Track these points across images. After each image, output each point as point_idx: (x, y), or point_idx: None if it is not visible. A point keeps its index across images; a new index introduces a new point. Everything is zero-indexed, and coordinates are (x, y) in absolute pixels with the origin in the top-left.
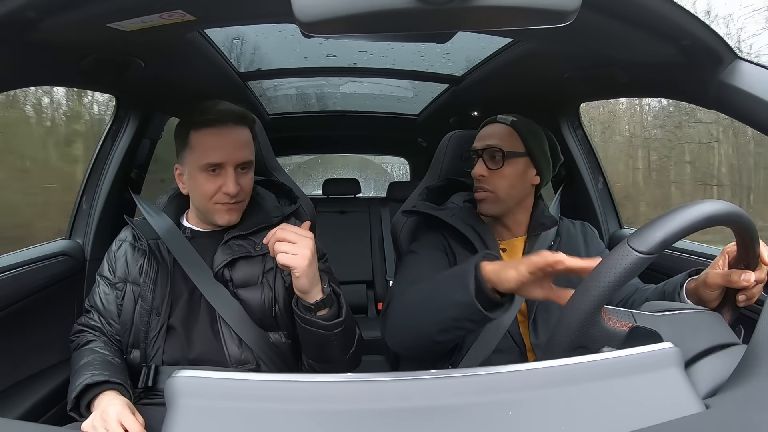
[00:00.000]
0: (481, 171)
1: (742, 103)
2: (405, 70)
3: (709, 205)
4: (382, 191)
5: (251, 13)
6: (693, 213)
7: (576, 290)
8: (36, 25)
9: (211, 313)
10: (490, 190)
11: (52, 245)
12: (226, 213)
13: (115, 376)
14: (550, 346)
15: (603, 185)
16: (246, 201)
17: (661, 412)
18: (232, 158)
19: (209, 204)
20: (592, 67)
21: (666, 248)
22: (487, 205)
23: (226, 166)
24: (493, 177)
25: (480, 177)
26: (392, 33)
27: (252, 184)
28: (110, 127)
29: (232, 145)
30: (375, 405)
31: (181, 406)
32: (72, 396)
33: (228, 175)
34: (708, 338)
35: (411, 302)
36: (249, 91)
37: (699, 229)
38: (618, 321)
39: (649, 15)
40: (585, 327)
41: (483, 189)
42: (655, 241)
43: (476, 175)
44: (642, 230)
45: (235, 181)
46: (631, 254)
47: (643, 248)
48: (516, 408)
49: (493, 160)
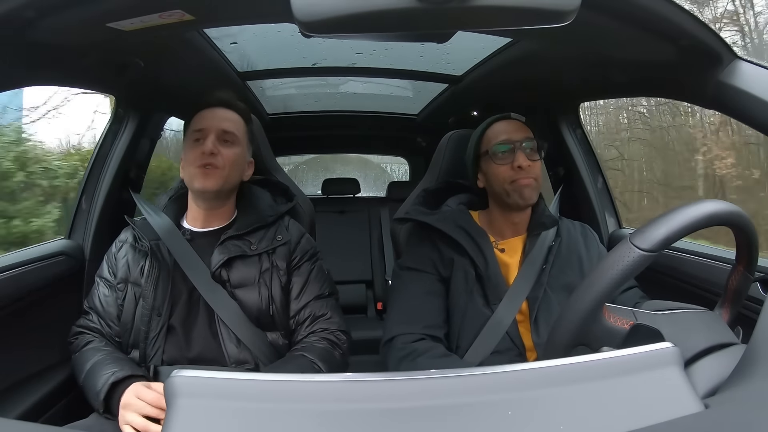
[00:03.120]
0: (527, 161)
1: (742, 102)
2: (404, 69)
3: (710, 205)
4: (382, 191)
5: (250, 13)
6: (695, 212)
7: (578, 287)
8: (35, 24)
9: (209, 313)
10: (535, 177)
11: (51, 245)
12: (203, 177)
13: (136, 370)
14: (551, 342)
15: (602, 185)
16: (225, 172)
17: (661, 412)
18: (214, 125)
19: (192, 169)
20: (591, 67)
21: (668, 246)
22: (531, 190)
23: (209, 132)
24: (533, 168)
25: (527, 167)
26: (391, 33)
27: (236, 160)
28: (109, 126)
29: (216, 117)
30: (374, 405)
31: (180, 405)
32: (101, 398)
33: (208, 138)
34: (708, 337)
35: None
36: (248, 90)
37: (700, 228)
38: (619, 319)
39: (648, 15)
40: (586, 324)
41: (529, 176)
42: (657, 238)
43: (524, 165)
44: (644, 228)
45: (213, 143)
46: (634, 251)
47: (646, 246)
48: (515, 407)
49: (534, 151)
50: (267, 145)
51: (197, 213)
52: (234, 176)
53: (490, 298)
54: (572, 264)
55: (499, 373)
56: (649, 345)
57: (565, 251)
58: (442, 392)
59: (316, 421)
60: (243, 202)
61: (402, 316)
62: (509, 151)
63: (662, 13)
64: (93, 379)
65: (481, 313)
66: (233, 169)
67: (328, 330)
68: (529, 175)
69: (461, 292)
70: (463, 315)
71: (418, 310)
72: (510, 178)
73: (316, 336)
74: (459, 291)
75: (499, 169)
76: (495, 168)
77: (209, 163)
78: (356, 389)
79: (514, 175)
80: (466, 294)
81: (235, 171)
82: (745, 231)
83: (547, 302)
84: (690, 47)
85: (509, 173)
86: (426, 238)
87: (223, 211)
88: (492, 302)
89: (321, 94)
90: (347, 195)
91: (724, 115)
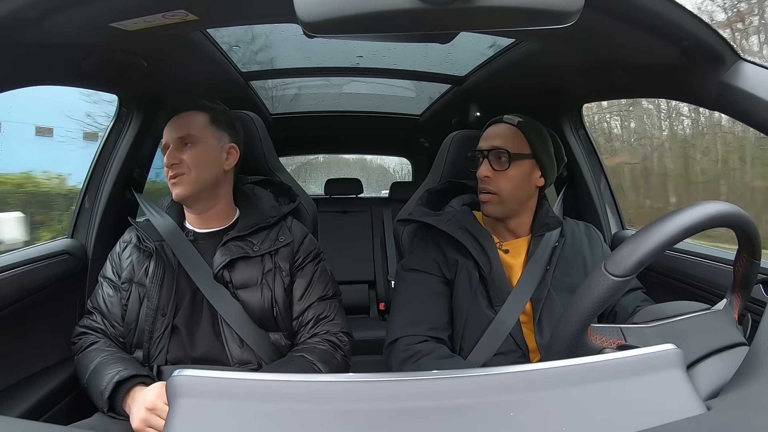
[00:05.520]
0: (486, 172)
1: (745, 104)
2: (407, 70)
3: (684, 217)
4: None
5: (253, 13)
6: (668, 228)
7: (561, 315)
8: (38, 24)
9: (213, 313)
10: (494, 191)
11: (54, 244)
12: (173, 187)
13: (140, 369)
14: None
15: (605, 186)
16: (192, 176)
17: (663, 414)
18: (172, 137)
19: (169, 182)
20: (594, 68)
21: (641, 269)
22: (490, 206)
23: (168, 145)
24: (498, 178)
25: (485, 178)
26: (395, 33)
27: (200, 159)
28: (112, 126)
29: (172, 128)
30: (376, 405)
31: (182, 404)
32: (106, 396)
33: (168, 151)
34: (700, 346)
35: None
36: (251, 90)
37: (677, 242)
38: (606, 339)
39: (651, 16)
40: (571, 351)
41: (487, 191)
42: (629, 264)
43: (481, 176)
44: (617, 252)
45: (171, 154)
46: (607, 279)
47: (618, 272)
48: (517, 409)
49: (499, 161)
50: (270, 145)
51: (191, 217)
52: (205, 174)
53: (493, 299)
54: (576, 264)
55: (501, 374)
56: (652, 347)
57: (569, 252)
58: (444, 393)
59: (318, 420)
60: (245, 203)
61: (406, 317)
62: (479, 160)
63: (665, 14)
64: (97, 378)
65: (485, 315)
66: (201, 168)
67: (330, 332)
68: (488, 189)
69: (465, 294)
70: (467, 316)
71: (422, 312)
72: (480, 187)
73: (319, 338)
74: (463, 293)
75: (477, 176)
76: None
77: (174, 174)
78: (358, 389)
79: (480, 185)
80: (470, 296)
81: (203, 169)
82: (734, 225)
83: (550, 303)
84: (693, 48)
85: (480, 183)
86: (430, 239)
87: (217, 210)
88: (495, 304)
89: (324, 95)
90: (350, 195)
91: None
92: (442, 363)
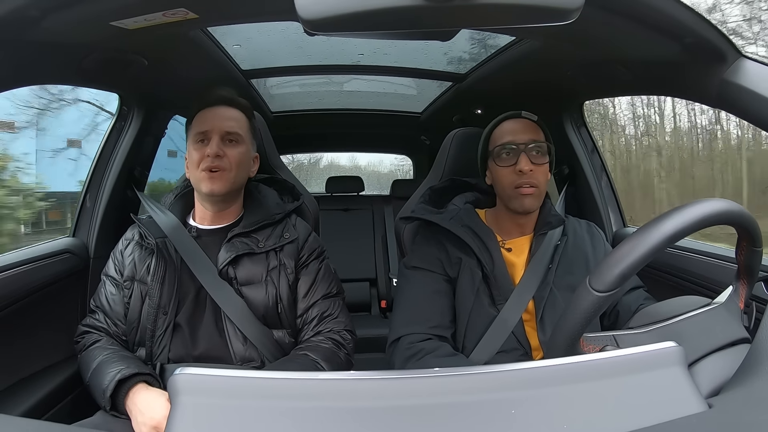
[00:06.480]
0: (529, 165)
1: (746, 101)
2: (408, 67)
3: (668, 225)
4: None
5: (254, 11)
6: (650, 239)
7: (554, 329)
8: (38, 23)
9: (216, 310)
10: (536, 184)
11: (56, 243)
12: (209, 180)
13: (142, 368)
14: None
15: (606, 183)
16: (232, 174)
17: (664, 412)
18: (217, 126)
19: (197, 173)
20: (595, 65)
21: (625, 281)
22: (532, 200)
23: (212, 134)
24: (537, 171)
25: (528, 171)
26: (395, 31)
27: (241, 159)
28: (113, 124)
29: (218, 118)
30: (378, 403)
31: (184, 402)
32: (108, 395)
33: (213, 140)
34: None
35: None
36: (252, 89)
37: (660, 251)
38: (598, 348)
39: (653, 13)
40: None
41: (530, 184)
42: (611, 279)
43: (525, 169)
44: (599, 267)
45: (218, 145)
46: (592, 295)
47: (602, 287)
48: (519, 406)
49: (540, 154)
50: (271, 143)
51: (205, 213)
52: (241, 176)
53: (496, 297)
54: (579, 263)
55: (503, 371)
56: (653, 344)
57: (572, 250)
58: (445, 390)
59: (320, 418)
60: (250, 200)
61: (408, 315)
62: (513, 154)
63: (666, 11)
64: (99, 376)
65: (488, 313)
66: (240, 169)
67: (334, 330)
68: (531, 182)
69: (468, 293)
70: (469, 315)
71: (425, 310)
72: (513, 182)
73: (322, 336)
74: (466, 291)
75: (503, 172)
76: (498, 170)
77: (216, 167)
78: (360, 387)
79: (517, 179)
80: (473, 294)
81: (241, 170)
82: (724, 221)
83: (553, 301)
84: (694, 45)
85: (512, 177)
86: (433, 237)
87: (231, 210)
88: (498, 302)
89: (325, 92)
90: (351, 193)
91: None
92: (444, 361)
